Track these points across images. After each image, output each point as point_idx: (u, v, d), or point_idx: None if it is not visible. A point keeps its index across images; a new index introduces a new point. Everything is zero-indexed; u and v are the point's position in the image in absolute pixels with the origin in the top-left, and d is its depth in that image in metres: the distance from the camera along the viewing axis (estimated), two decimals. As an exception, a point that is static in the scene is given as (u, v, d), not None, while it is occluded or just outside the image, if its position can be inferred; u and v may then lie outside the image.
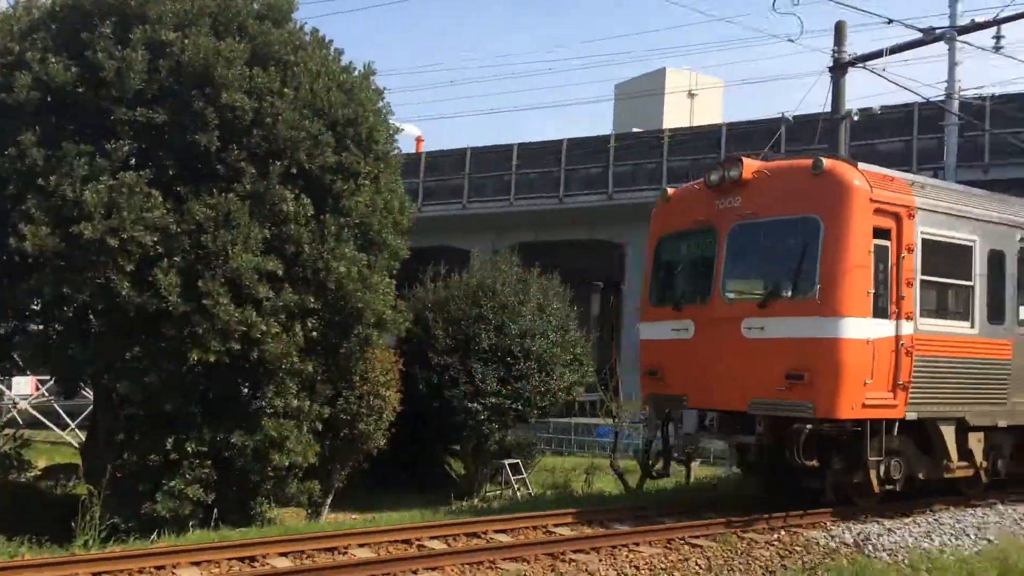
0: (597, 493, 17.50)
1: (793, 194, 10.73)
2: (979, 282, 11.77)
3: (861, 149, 26.21)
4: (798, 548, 10.74)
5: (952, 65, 24.35)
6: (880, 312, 10.47)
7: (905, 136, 25.85)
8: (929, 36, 15.67)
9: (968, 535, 11.76)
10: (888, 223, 10.63)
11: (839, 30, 19.67)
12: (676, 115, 43.42)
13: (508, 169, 34.29)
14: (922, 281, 10.98)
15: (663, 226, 12.39)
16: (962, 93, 24.69)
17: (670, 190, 12.54)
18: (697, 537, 10.69)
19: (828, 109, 19.88)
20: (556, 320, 21.02)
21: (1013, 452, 12.42)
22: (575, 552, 9.60)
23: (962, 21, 20.99)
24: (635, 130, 35.87)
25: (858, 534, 11.45)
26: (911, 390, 10.82)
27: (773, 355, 10.42)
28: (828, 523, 11.93)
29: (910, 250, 10.76)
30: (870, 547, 11.04)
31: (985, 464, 12.13)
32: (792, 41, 15.48)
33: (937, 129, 24.92)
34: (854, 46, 18.85)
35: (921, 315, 10.95)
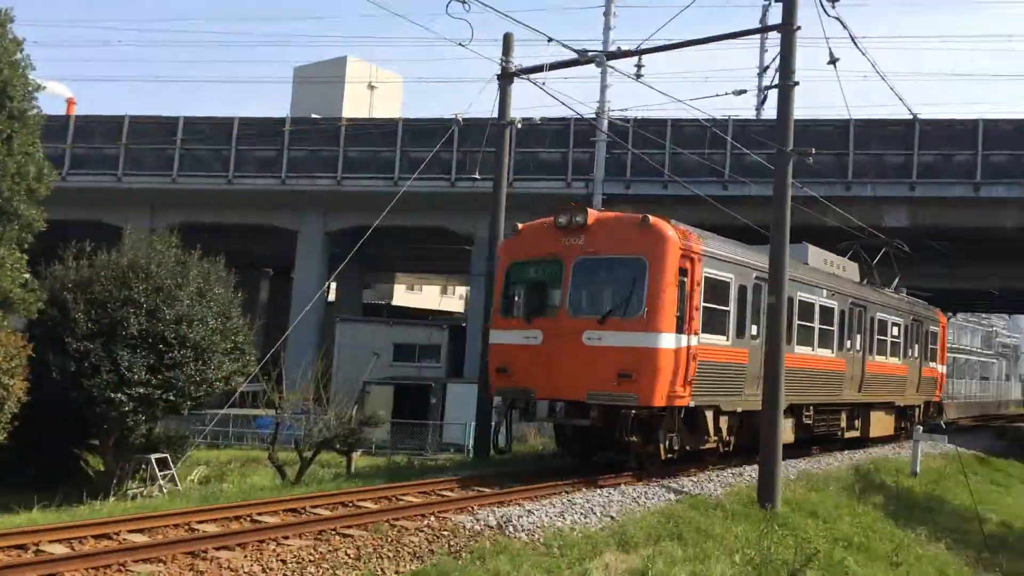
0: (251, 487, 16.92)
1: (625, 239, 13.69)
2: (732, 308, 15.23)
3: (525, 156, 27.96)
4: (446, 532, 11.13)
5: (603, 87, 26.77)
6: (680, 329, 13.60)
7: (563, 148, 27.89)
8: (583, 58, 16.98)
9: (595, 513, 12.93)
10: (687, 265, 13.77)
11: (506, 41, 20.72)
12: (356, 105, 43.33)
13: (172, 143, 32.08)
14: (703, 307, 14.16)
15: (513, 254, 14.90)
16: (611, 113, 27.24)
17: (520, 225, 15.04)
18: (349, 528, 10.69)
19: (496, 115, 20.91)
20: (217, 306, 20.03)
21: (740, 430, 16.08)
22: (219, 549, 9.15)
23: (614, 48, 23.15)
24: (314, 116, 35.23)
25: (501, 517, 12.14)
26: (693, 385, 13.98)
27: (608, 359, 13.23)
28: (475, 507, 12.55)
29: (698, 284, 13.97)
30: (511, 528, 11.75)
31: (726, 439, 15.60)
32: (463, 46, 15.93)
33: (590, 144, 27.21)
34: (522, 58, 19.98)
35: (702, 331, 14.14)
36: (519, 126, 21.82)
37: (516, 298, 14.77)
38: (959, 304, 51.85)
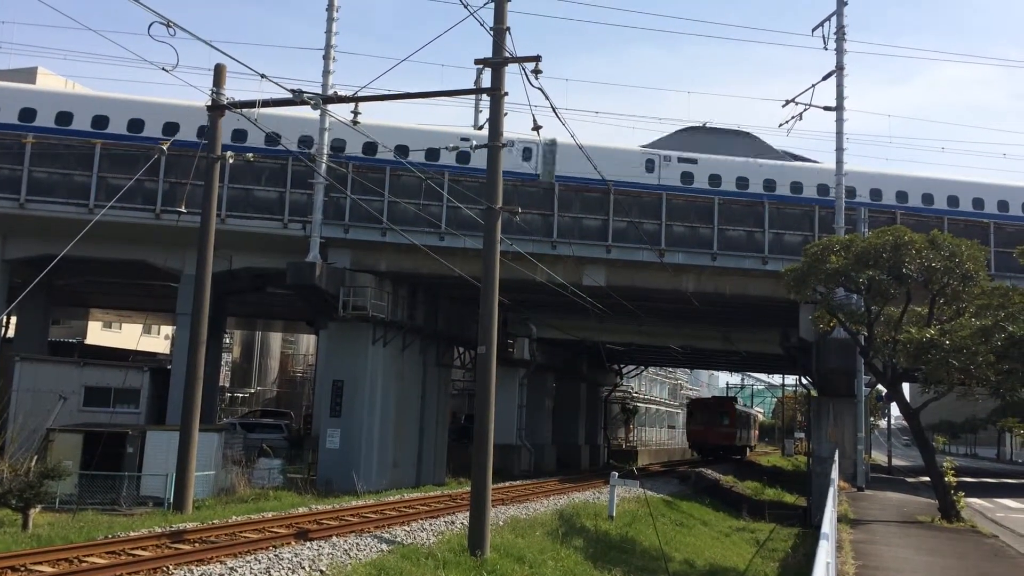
0: None
1: (725, 404, 62.98)
2: (742, 420, 69.93)
3: (239, 192, 26.84)
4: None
5: (322, 129, 26.41)
6: (738, 426, 63.09)
7: (280, 187, 27.09)
8: (298, 98, 16.66)
9: (304, 568, 12.45)
10: (736, 411, 62.92)
11: (218, 72, 19.94)
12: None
13: None
14: (739, 420, 66.62)
15: (693, 407, 64.58)
16: (330, 155, 26.93)
17: (693, 398, 78.86)
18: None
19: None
20: None
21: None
22: None
23: (332, 92, 23.00)
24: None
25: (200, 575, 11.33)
26: (737, 440, 65.27)
27: (726, 433, 59.30)
28: (171, 567, 11.62)
29: (738, 415, 64.76)
30: (212, 589, 10.99)
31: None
32: (167, 71, 14.95)
33: (307, 186, 26.69)
34: (238, 92, 19.24)
35: (739, 426, 66.14)
36: (231, 161, 20.98)
37: (696, 418, 60.68)
38: (648, 358, 56.68)
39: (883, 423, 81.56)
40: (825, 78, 30.56)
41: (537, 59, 15.48)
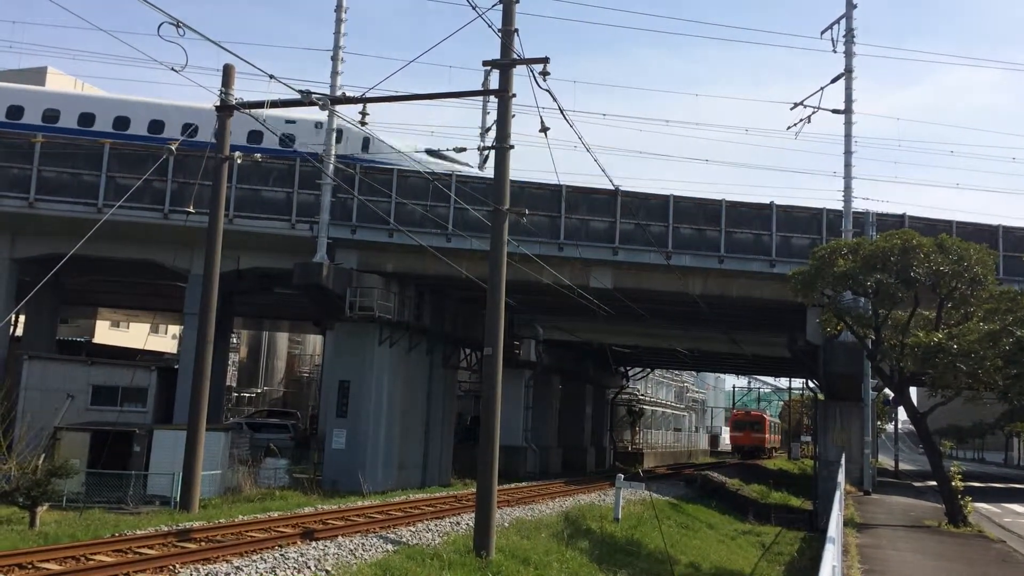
0: None
1: (756, 416, 78.69)
2: (770, 427, 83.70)
3: (247, 192, 26.92)
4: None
5: (329, 130, 26.49)
6: (765, 432, 77.94)
7: (288, 188, 27.14)
8: (306, 99, 16.69)
9: (309, 567, 12.48)
10: (766, 420, 79.13)
11: (226, 73, 20.00)
12: (55, 121, 39.44)
13: None
14: (769, 427, 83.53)
15: (734, 419, 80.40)
16: (339, 156, 26.97)
17: (734, 411, 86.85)
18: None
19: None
20: None
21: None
22: None
23: (340, 93, 23.06)
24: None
25: (206, 574, 11.37)
26: (767, 443, 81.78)
27: (758, 438, 75.51)
28: (177, 566, 11.67)
29: (767, 424, 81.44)
30: (217, 588, 11.03)
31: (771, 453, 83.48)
32: (176, 71, 14.99)
33: (315, 186, 26.74)
34: (245, 92, 19.30)
35: (769, 433, 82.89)
36: (239, 161, 21.04)
37: (736, 426, 77.75)
38: (654, 360, 56.58)
39: (890, 427, 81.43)
40: (834, 81, 30.51)
41: (545, 61, 15.48)
